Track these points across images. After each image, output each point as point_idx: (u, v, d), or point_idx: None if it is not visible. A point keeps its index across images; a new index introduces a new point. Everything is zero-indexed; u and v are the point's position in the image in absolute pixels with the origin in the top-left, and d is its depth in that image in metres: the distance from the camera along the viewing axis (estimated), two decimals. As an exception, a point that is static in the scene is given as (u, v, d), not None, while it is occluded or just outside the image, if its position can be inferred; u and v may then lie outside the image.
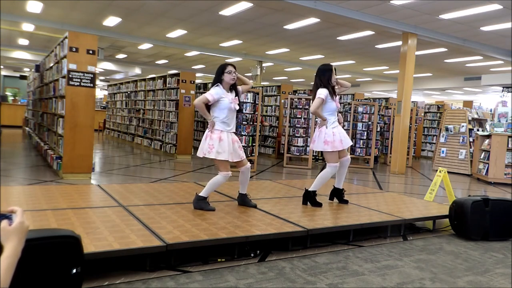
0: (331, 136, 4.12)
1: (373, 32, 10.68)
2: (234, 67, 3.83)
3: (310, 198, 4.23)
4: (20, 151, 9.42)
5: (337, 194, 4.49)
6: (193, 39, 13.32)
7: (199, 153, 3.77)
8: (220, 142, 3.69)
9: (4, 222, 1.10)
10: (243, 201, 4.02)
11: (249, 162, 4.03)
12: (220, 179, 3.76)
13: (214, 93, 3.71)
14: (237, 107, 3.82)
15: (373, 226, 3.79)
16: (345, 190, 4.56)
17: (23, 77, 19.46)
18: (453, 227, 4.11)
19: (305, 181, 6.34)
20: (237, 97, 3.86)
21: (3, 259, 1.04)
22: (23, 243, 1.12)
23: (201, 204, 3.74)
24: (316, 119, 4.43)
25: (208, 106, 3.77)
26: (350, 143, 4.32)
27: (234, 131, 3.88)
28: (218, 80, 3.79)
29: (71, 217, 3.17)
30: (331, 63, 4.28)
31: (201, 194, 3.77)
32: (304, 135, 9.61)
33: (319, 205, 4.18)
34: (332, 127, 4.17)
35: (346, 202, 4.45)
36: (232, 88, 3.88)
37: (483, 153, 8.87)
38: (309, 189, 4.24)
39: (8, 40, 15.63)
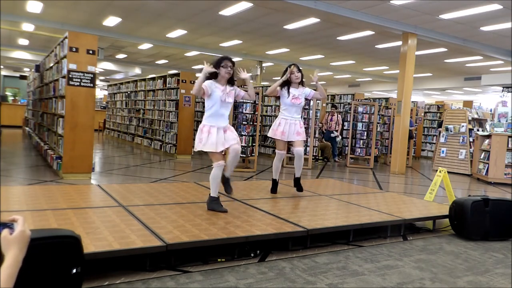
0: (276, 125, 4.60)
1: (373, 32, 10.67)
2: (231, 62, 3.79)
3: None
4: (20, 151, 9.42)
5: (297, 182, 4.78)
6: (193, 39, 13.31)
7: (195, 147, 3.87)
8: (209, 135, 3.70)
9: (5, 231, 1.09)
10: (225, 183, 3.95)
11: (239, 146, 3.80)
12: (215, 171, 3.72)
13: (207, 85, 3.70)
14: (230, 100, 3.79)
15: (373, 226, 3.79)
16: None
17: (23, 77, 19.43)
18: (453, 227, 4.11)
19: (304, 181, 6.33)
20: (233, 91, 3.83)
21: (4, 269, 1.03)
22: (24, 252, 1.11)
23: (213, 205, 3.71)
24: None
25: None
26: (295, 138, 4.57)
27: (225, 125, 3.78)
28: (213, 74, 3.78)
29: (71, 217, 3.17)
30: (294, 64, 4.58)
31: (211, 194, 3.75)
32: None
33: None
34: (282, 117, 4.58)
35: (301, 190, 4.78)
36: (230, 83, 3.85)
37: (483, 153, 8.87)
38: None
39: (8, 40, 15.63)
